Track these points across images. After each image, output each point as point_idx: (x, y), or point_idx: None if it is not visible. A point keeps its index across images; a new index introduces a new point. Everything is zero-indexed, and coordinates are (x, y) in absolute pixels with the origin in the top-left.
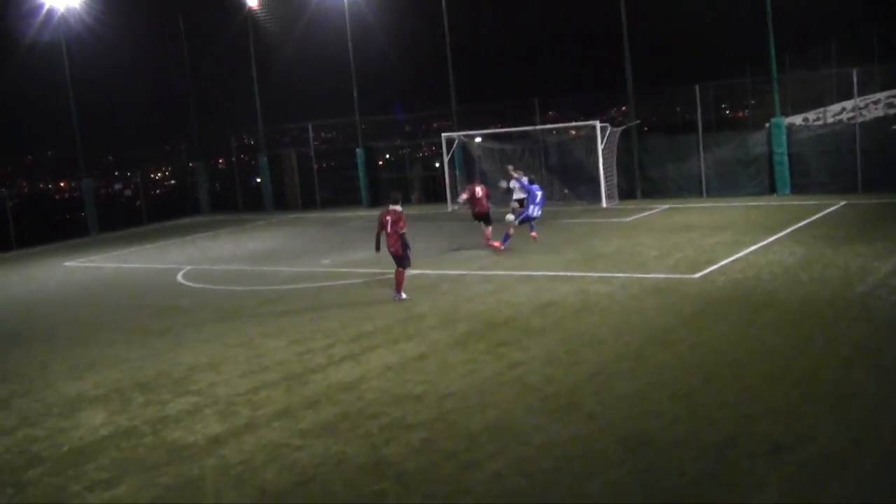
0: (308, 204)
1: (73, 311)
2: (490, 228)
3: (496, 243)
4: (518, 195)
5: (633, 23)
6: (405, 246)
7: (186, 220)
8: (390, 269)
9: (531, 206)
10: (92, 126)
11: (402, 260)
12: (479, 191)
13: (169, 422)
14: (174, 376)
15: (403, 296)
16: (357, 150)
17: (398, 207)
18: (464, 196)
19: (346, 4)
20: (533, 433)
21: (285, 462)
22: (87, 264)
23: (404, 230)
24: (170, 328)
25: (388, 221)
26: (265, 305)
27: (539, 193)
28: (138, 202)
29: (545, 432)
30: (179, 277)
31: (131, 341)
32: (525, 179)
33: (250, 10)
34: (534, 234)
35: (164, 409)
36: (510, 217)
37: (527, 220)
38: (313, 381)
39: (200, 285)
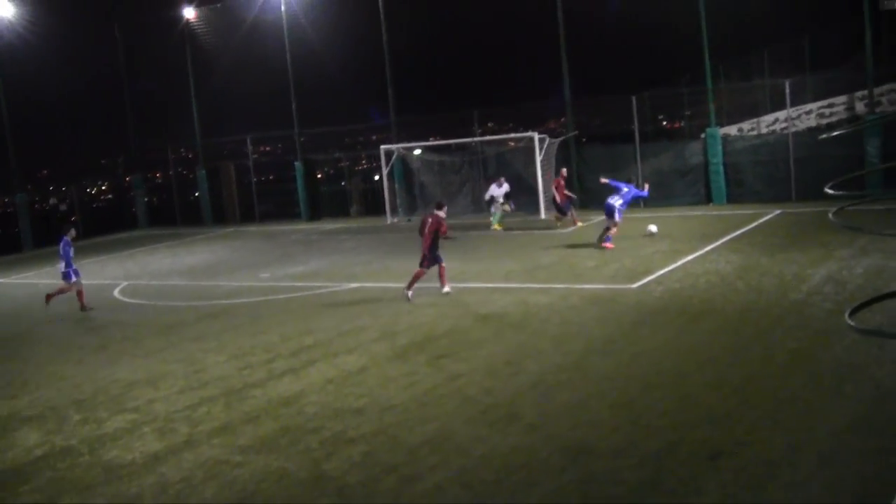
0: (247, 217)
1: (7, 328)
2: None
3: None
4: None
5: (571, 34)
6: (434, 248)
7: (124, 235)
8: (329, 283)
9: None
10: (25, 139)
11: (424, 259)
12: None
13: (106, 440)
14: (111, 393)
15: (410, 294)
16: (296, 163)
17: (441, 213)
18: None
19: (284, 17)
20: (474, 445)
21: (225, 479)
22: (21, 281)
23: (447, 235)
24: (107, 345)
25: (427, 222)
26: (204, 320)
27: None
28: (74, 217)
29: (486, 444)
30: (116, 293)
31: (67, 358)
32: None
33: (188, 22)
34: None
35: (102, 427)
36: (652, 228)
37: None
38: (253, 396)
39: (138, 301)
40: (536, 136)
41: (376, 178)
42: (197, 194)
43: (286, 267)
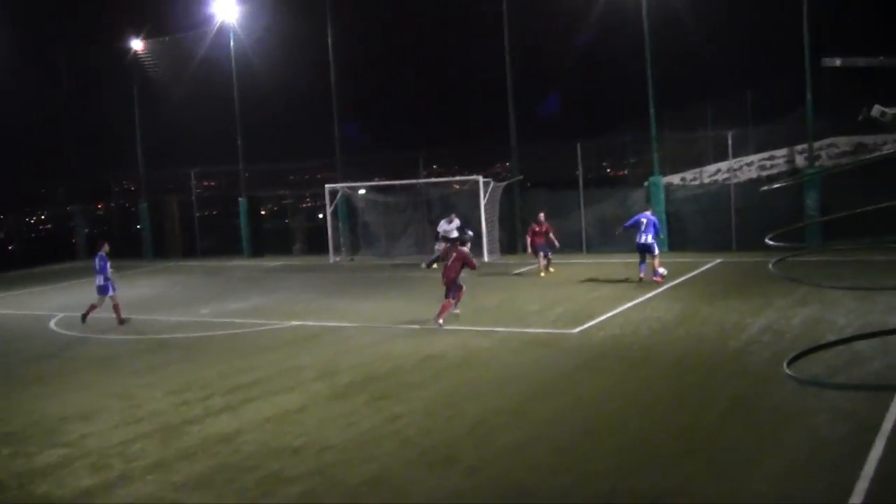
0: (189, 252)
1: None
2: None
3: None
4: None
5: (518, 79)
6: (456, 281)
7: (62, 266)
8: (269, 321)
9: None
10: None
11: (450, 290)
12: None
13: (36, 475)
14: (43, 427)
15: (441, 322)
16: (240, 198)
17: (465, 249)
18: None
19: (232, 53)
20: (412, 487)
21: None
22: None
23: (474, 267)
24: (40, 377)
25: (451, 256)
26: (142, 355)
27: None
28: (11, 246)
29: (424, 486)
30: (52, 325)
31: None
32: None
33: (135, 54)
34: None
35: (32, 461)
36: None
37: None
38: (189, 432)
39: (74, 333)
40: (481, 179)
41: (320, 216)
42: (139, 227)
43: (227, 303)
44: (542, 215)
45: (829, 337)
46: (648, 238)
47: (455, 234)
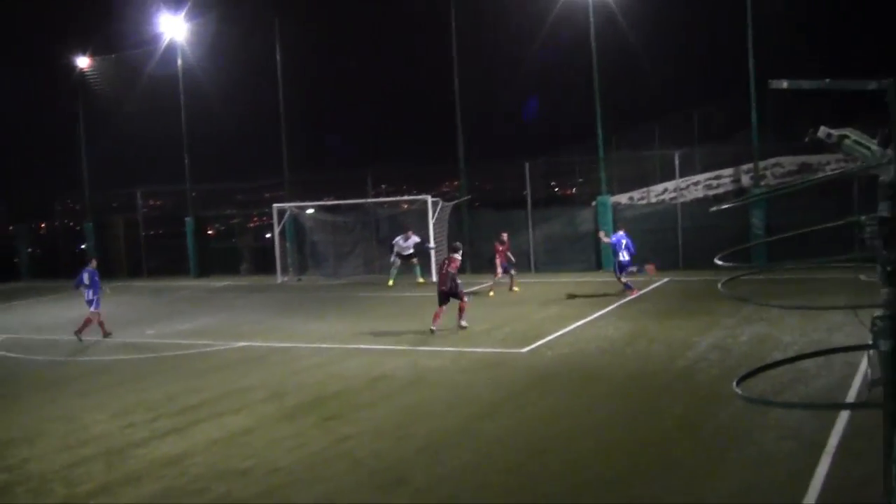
0: (134, 272)
1: None
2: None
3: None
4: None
5: (466, 99)
6: (451, 284)
7: (4, 286)
8: (216, 341)
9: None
10: None
11: (444, 300)
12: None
13: None
14: None
15: (434, 328)
16: (186, 218)
17: (456, 255)
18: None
19: (180, 72)
20: None
21: None
22: None
23: (452, 271)
24: None
25: (444, 263)
26: (87, 377)
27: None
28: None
29: None
30: None
31: None
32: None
33: (81, 72)
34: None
35: None
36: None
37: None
38: (135, 455)
39: (17, 355)
40: (430, 199)
41: (268, 235)
42: (83, 246)
43: (173, 324)
44: (504, 235)
45: (775, 355)
46: (626, 255)
47: (412, 250)
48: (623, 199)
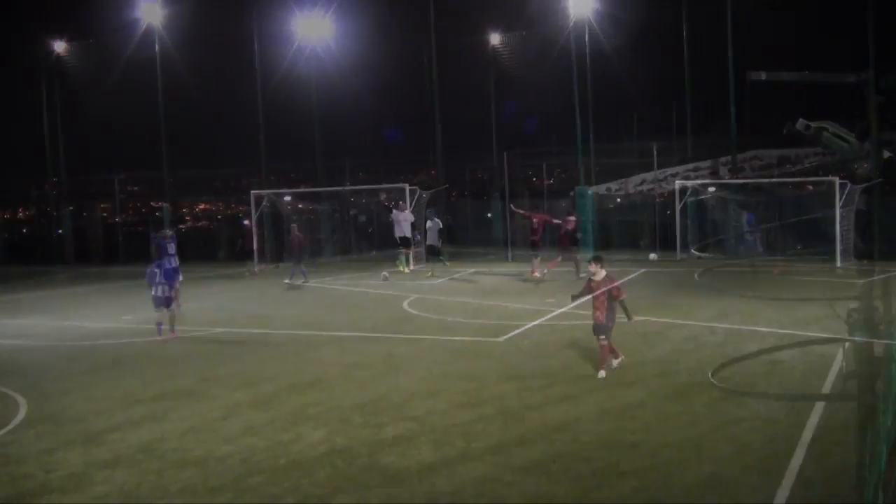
0: (111, 258)
1: None
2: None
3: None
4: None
5: (445, 89)
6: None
7: None
8: (193, 327)
9: None
10: None
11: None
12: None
13: None
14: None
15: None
16: (163, 205)
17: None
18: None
19: (158, 59)
20: (336, 496)
21: None
22: None
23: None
24: None
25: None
26: (62, 363)
27: None
28: None
29: (349, 495)
30: None
31: None
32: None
33: (56, 56)
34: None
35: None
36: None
37: None
38: (111, 440)
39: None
40: (407, 187)
41: (245, 222)
42: (60, 232)
43: (149, 309)
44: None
45: (750, 346)
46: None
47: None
48: (601, 190)
